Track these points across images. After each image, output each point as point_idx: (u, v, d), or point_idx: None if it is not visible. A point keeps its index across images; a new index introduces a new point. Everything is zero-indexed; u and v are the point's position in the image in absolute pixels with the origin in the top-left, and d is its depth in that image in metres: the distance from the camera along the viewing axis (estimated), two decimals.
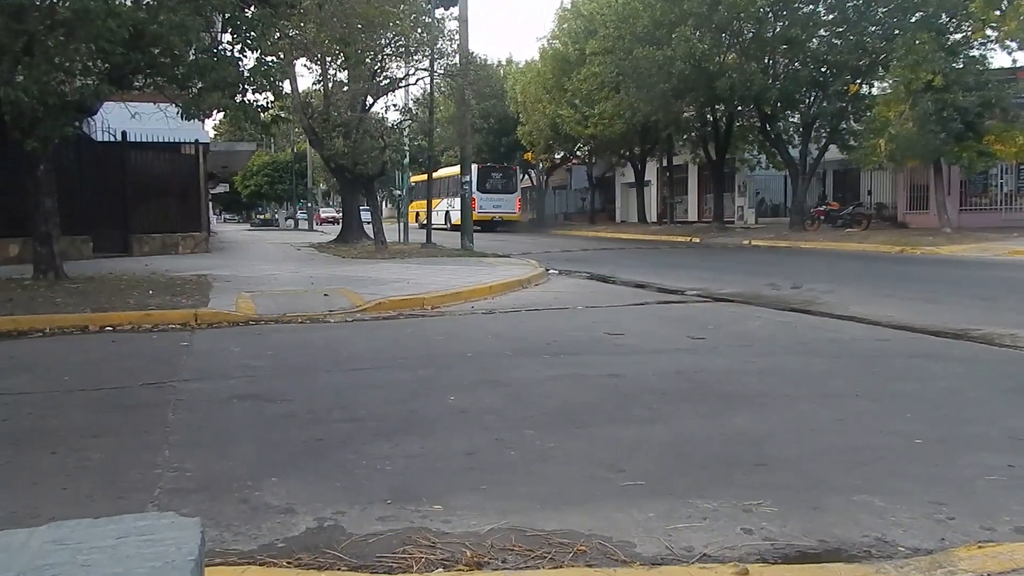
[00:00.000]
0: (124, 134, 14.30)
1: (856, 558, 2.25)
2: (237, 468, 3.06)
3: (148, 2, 8.75)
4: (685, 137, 28.45)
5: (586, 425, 3.60)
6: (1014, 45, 18.59)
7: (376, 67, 17.83)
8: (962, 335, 5.94)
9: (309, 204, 44.42)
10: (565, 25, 30.80)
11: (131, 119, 11.00)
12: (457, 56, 18.25)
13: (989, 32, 18.61)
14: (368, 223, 19.94)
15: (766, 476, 2.93)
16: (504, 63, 40.00)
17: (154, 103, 10.81)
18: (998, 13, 18.13)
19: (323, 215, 49.43)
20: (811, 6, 21.26)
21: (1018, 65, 19.61)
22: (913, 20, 19.44)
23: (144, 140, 14.65)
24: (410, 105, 20.93)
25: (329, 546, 2.35)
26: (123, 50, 7.98)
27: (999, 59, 19.38)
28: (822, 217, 22.64)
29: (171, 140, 14.97)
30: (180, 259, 14.20)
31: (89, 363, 5.38)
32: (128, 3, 8.90)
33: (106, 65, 8.67)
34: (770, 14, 21.10)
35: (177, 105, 9.40)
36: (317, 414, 3.88)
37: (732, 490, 2.76)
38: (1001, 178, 22.25)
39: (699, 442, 3.36)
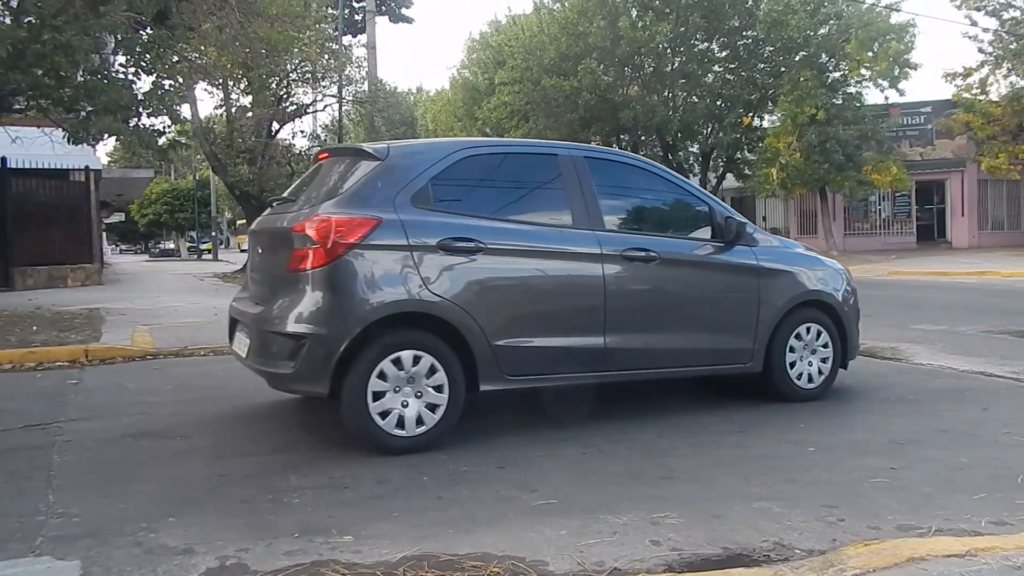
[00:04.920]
0: (4, 160, 13.39)
1: (757, 562, 2.36)
2: (130, 510, 2.87)
3: (30, 20, 8.20)
4: None
5: (499, 448, 3.61)
6: (885, 83, 20.58)
7: (282, 92, 17.47)
8: None
9: (214, 233, 42.55)
10: (475, 55, 31.35)
11: (12, 144, 10.19)
12: (366, 83, 18.20)
13: (864, 71, 20.51)
14: None
15: (671, 488, 3.03)
16: (415, 91, 40.17)
17: (38, 127, 10.09)
18: (870, 54, 20.04)
19: None
20: (706, 44, 22.70)
21: (890, 102, 21.68)
22: (797, 59, 21.11)
23: (27, 167, 13.71)
24: (318, 132, 20.61)
25: None
26: (1, 70, 7.42)
27: (873, 96, 21.43)
28: None
29: (58, 166, 14.01)
30: (69, 292, 13.22)
31: None
32: (7, 21, 8.32)
33: None
34: (668, 50, 22.32)
35: (64, 129, 8.80)
36: (219, 449, 3.70)
37: (640, 503, 2.84)
38: (879, 205, 24.35)
39: (608, 458, 3.44)
